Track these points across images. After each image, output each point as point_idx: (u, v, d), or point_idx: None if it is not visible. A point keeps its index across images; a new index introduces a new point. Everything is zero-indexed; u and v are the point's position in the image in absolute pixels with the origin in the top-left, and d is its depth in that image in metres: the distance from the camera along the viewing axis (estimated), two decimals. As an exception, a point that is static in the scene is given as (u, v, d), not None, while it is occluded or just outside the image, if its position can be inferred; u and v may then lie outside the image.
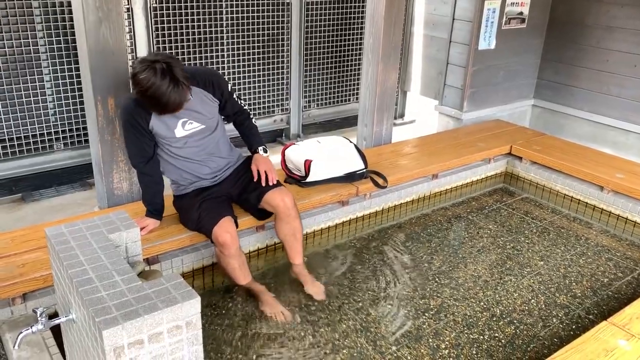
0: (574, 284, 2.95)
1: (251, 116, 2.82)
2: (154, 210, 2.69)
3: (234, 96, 2.72)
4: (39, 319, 1.59)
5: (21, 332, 1.60)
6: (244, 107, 2.79)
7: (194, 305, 1.48)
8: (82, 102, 3.61)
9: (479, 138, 4.27)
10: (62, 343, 2.01)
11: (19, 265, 2.39)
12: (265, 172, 2.67)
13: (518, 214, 3.70)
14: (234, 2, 4.13)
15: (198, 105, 2.54)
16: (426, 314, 2.65)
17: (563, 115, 5.12)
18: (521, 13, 4.77)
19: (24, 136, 3.56)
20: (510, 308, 2.72)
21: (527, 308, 2.73)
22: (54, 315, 1.94)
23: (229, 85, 2.69)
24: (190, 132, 2.56)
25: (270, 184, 2.67)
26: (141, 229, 2.57)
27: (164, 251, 2.69)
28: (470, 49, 4.60)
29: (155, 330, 1.43)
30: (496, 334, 2.53)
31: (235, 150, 2.85)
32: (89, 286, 1.51)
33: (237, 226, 2.62)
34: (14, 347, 1.59)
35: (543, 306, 2.75)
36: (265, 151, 2.78)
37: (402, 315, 2.65)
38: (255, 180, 2.70)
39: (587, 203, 3.74)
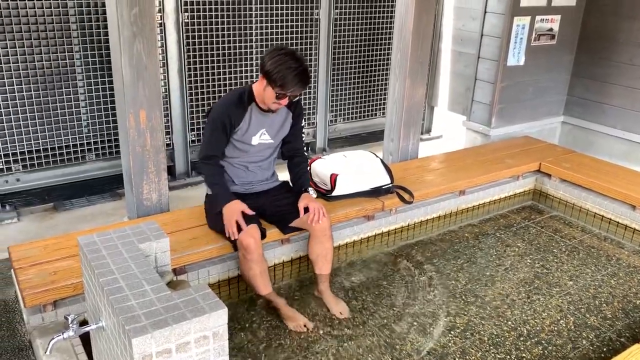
0: (604, 305, 2.88)
1: (307, 160, 2.93)
2: (225, 190, 2.65)
3: (302, 133, 2.86)
4: (70, 325, 1.63)
5: (53, 338, 1.64)
6: (305, 151, 2.90)
7: (221, 316, 1.49)
8: (114, 115, 3.70)
9: (507, 154, 4.23)
10: (91, 351, 2.04)
11: (51, 272, 2.44)
12: (316, 210, 2.68)
13: (547, 232, 3.63)
14: (264, 18, 4.20)
15: (280, 120, 2.71)
16: (452, 332, 2.62)
17: (594, 133, 5.04)
18: (551, 29, 4.73)
19: (58, 147, 3.66)
20: (538, 328, 2.67)
21: (556, 328, 2.67)
22: (84, 322, 1.97)
23: (304, 121, 2.85)
24: (261, 142, 2.72)
25: (320, 222, 2.67)
26: (238, 227, 2.54)
27: (192, 262, 2.72)
28: (498, 65, 4.57)
29: (183, 340, 1.44)
30: (523, 355, 2.49)
31: (276, 174, 2.95)
32: (119, 294, 1.54)
33: (264, 237, 2.64)
34: (45, 352, 1.63)
35: (572, 327, 2.69)
36: (314, 193, 2.86)
37: (428, 332, 2.61)
38: (301, 216, 2.71)
39: (618, 222, 3.66)
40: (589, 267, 3.24)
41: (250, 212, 2.59)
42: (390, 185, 3.37)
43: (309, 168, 3.33)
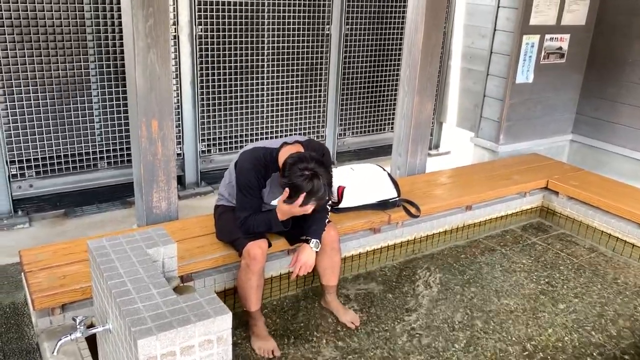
0: (610, 323, 2.87)
1: (328, 210, 2.72)
2: (265, 214, 2.60)
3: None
4: (78, 326, 1.66)
5: (60, 339, 1.67)
6: (328, 204, 2.73)
7: (225, 321, 1.52)
8: (126, 124, 3.77)
9: (514, 171, 4.24)
10: (97, 354, 2.07)
11: (60, 276, 2.48)
12: (300, 265, 2.59)
13: (553, 250, 3.63)
14: (275, 32, 4.27)
15: None
16: (455, 346, 2.62)
17: (603, 152, 5.03)
18: (560, 48, 4.76)
19: (71, 154, 3.73)
20: (542, 344, 2.66)
21: (560, 345, 2.67)
22: (92, 326, 2.00)
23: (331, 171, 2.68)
24: None
25: (294, 276, 2.64)
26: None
27: (198, 270, 2.75)
28: (507, 82, 4.60)
29: (188, 343, 1.47)
30: (527, 370, 2.49)
31: None
32: (126, 297, 1.58)
33: (269, 245, 2.65)
34: (52, 353, 1.66)
35: (577, 344, 2.68)
36: (316, 246, 2.62)
37: (431, 346, 2.62)
38: (289, 267, 2.69)
39: (625, 241, 3.65)
40: (595, 285, 3.23)
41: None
42: (397, 198, 3.39)
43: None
